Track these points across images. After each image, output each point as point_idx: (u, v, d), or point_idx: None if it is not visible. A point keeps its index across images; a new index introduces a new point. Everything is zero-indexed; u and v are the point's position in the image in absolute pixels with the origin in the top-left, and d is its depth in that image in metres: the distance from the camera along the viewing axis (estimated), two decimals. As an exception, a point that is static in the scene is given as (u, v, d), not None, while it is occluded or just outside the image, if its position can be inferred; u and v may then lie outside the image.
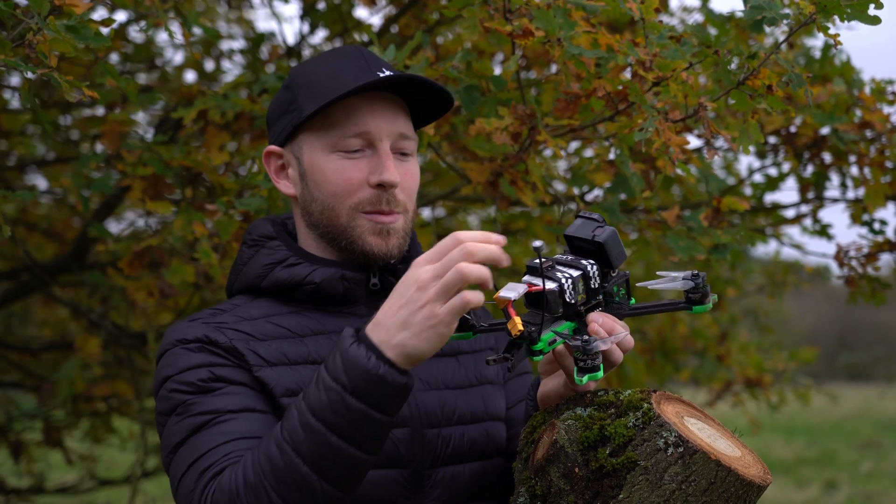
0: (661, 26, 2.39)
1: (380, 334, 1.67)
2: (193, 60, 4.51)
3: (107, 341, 4.09)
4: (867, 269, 3.12)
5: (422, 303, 1.64)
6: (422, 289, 1.64)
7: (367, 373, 1.64)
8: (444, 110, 2.07)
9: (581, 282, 1.76)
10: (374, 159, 1.95)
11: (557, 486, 1.74)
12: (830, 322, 24.36)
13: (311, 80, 1.97)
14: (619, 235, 1.87)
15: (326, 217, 1.98)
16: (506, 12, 2.44)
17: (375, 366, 1.64)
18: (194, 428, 1.80)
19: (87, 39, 2.14)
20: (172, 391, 1.84)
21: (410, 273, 1.67)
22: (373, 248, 1.96)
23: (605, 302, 1.82)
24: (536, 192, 2.70)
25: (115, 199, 3.81)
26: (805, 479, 10.92)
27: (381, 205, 1.95)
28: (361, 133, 1.95)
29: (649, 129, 2.27)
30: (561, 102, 2.56)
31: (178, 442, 1.82)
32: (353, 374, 1.65)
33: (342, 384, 1.66)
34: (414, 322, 1.64)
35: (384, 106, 1.97)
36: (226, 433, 1.78)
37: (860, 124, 3.11)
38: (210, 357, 1.86)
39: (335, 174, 1.96)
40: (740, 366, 5.56)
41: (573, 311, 1.78)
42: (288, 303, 1.99)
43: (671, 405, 1.78)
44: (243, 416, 1.80)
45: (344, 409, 1.65)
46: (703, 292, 1.78)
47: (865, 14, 2.23)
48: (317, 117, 1.97)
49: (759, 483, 1.69)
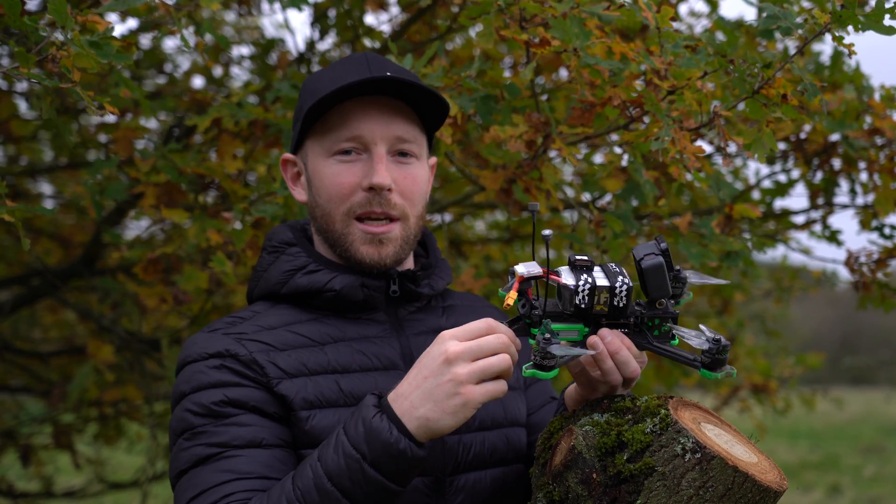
0: (676, 35, 2.40)
1: (402, 405, 1.68)
2: (202, 66, 4.53)
3: (118, 347, 4.10)
4: (877, 275, 3.13)
5: (448, 377, 1.66)
6: (448, 363, 1.66)
7: (389, 446, 1.66)
8: (444, 111, 2.06)
9: (605, 293, 1.75)
10: (368, 163, 1.96)
11: (575, 491, 1.74)
12: (834, 326, 24.31)
13: (316, 87, 1.99)
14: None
15: (326, 223, 2.00)
16: (521, 21, 2.45)
17: (397, 439, 1.66)
18: (199, 459, 1.82)
19: (110, 56, 2.16)
20: (186, 411, 1.86)
21: (436, 347, 1.68)
22: (364, 258, 1.97)
23: (636, 328, 1.81)
24: (550, 198, 2.71)
25: (126, 205, 3.83)
26: (809, 484, 10.90)
27: (374, 206, 1.95)
28: (354, 137, 1.96)
29: (665, 138, 2.28)
30: (576, 111, 2.57)
31: (182, 469, 1.84)
32: (374, 445, 1.67)
33: (362, 454, 1.67)
34: (439, 396, 1.66)
35: (380, 109, 1.97)
36: (228, 471, 1.80)
37: (870, 131, 3.12)
38: (227, 375, 1.87)
39: (330, 178, 1.98)
40: (747, 371, 5.57)
41: (590, 317, 1.78)
42: (307, 309, 2.00)
43: (688, 411, 1.79)
44: (248, 453, 1.82)
45: (361, 479, 1.68)
46: (716, 359, 1.75)
47: (881, 24, 2.22)
48: (317, 123, 1.99)
49: (776, 489, 1.69)
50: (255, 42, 4.79)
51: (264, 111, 3.01)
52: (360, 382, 1.92)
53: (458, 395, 1.65)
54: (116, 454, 6.70)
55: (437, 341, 1.69)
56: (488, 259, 4.11)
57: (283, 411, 1.88)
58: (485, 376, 1.67)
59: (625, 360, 1.78)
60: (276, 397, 1.87)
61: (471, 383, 1.66)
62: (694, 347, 1.78)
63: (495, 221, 5.13)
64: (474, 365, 1.66)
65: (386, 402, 1.70)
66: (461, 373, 1.65)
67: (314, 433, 1.86)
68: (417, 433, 1.67)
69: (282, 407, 1.87)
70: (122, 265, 3.82)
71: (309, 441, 1.86)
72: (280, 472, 1.81)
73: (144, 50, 4.62)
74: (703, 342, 1.76)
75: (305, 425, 1.86)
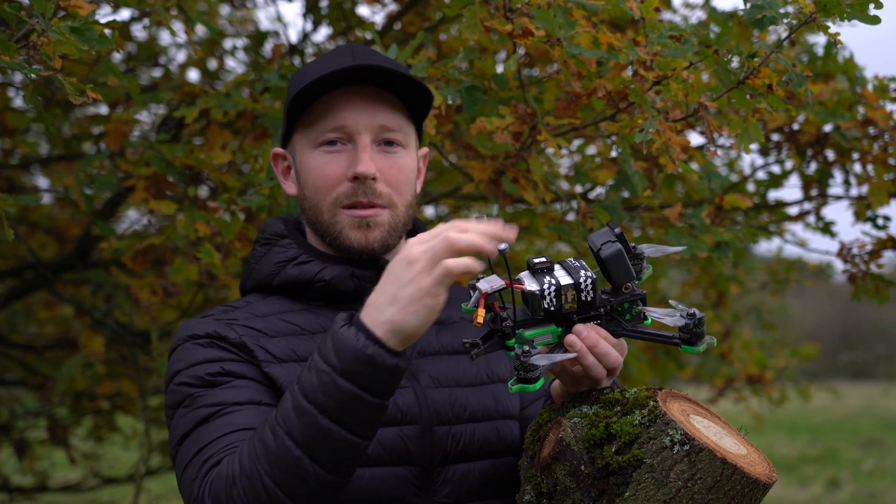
0: (661, 25, 2.39)
1: (370, 314, 1.67)
2: (196, 59, 4.52)
3: (110, 339, 4.10)
4: (870, 266, 3.12)
5: (409, 277, 1.64)
6: (410, 264, 1.64)
7: (356, 352, 1.64)
8: (429, 100, 2.04)
9: (570, 291, 1.75)
10: (352, 153, 1.96)
11: (563, 483, 1.74)
12: (833, 320, 24.34)
13: (301, 79, 1.98)
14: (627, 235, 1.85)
15: (314, 214, 2.00)
16: (506, 11, 2.44)
17: (364, 346, 1.64)
18: (200, 420, 1.82)
19: (92, 41, 2.14)
20: (181, 384, 1.86)
21: (401, 252, 1.67)
22: (352, 243, 1.97)
23: (608, 316, 1.80)
24: (538, 190, 2.70)
25: (118, 198, 3.82)
26: (808, 478, 10.92)
27: (358, 196, 1.95)
28: (338, 127, 1.96)
29: (650, 129, 2.27)
30: (562, 102, 2.56)
31: (184, 434, 1.83)
32: (342, 354, 1.65)
33: (332, 365, 1.65)
34: (401, 297, 1.64)
35: (363, 99, 1.97)
36: (230, 424, 1.79)
37: (863, 121, 3.11)
38: (219, 352, 1.87)
39: (316, 170, 1.98)
40: (742, 363, 5.56)
41: (561, 317, 1.77)
42: (299, 300, 2.00)
43: (677, 403, 1.78)
44: (249, 409, 1.81)
45: (334, 391, 1.65)
46: (694, 333, 1.75)
47: (865, 13, 2.22)
48: (303, 115, 1.99)
49: (765, 481, 1.69)
50: (248, 35, 4.78)
51: (253, 102, 3.00)
52: None
53: (419, 290, 1.62)
54: (112, 449, 6.71)
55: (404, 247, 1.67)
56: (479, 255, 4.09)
57: (274, 391, 1.87)
58: (437, 258, 1.63)
59: (605, 352, 1.77)
60: (267, 378, 1.87)
61: (428, 273, 1.63)
62: (669, 326, 1.77)
63: (490, 214, 5.11)
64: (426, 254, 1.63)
65: (356, 316, 1.69)
66: (418, 267, 1.63)
67: None
68: (388, 338, 1.65)
69: (271, 386, 1.87)
70: (114, 258, 3.81)
71: None
72: None
73: (139, 43, 4.61)
74: (678, 319, 1.75)
75: None
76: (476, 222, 1.66)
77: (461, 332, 2.06)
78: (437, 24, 3.66)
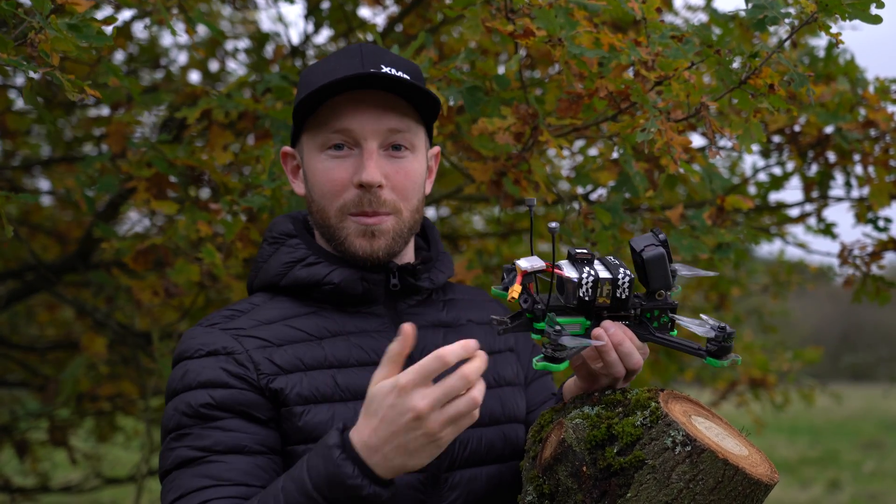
0: (662, 26, 2.39)
1: (373, 457, 1.63)
2: (198, 60, 4.52)
3: (112, 341, 4.10)
4: (871, 268, 3.12)
5: (422, 432, 1.60)
6: (420, 419, 1.59)
7: (351, 491, 1.63)
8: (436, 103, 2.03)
9: (607, 285, 1.75)
10: (359, 159, 1.94)
11: (565, 484, 1.74)
12: (834, 322, 24.32)
13: (310, 80, 1.97)
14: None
15: (321, 217, 1.99)
16: (508, 12, 2.44)
17: (361, 486, 1.62)
18: (182, 461, 1.82)
19: (90, 38, 2.13)
20: (175, 410, 1.86)
21: (400, 401, 1.61)
22: (357, 250, 1.96)
23: (636, 319, 1.81)
24: (540, 191, 2.70)
25: (119, 200, 3.82)
26: (808, 479, 10.91)
27: (364, 206, 1.94)
28: (343, 130, 1.94)
29: (651, 129, 2.27)
30: (563, 102, 2.56)
31: (167, 469, 1.84)
32: (336, 491, 1.63)
33: (323, 496, 1.64)
34: (414, 448, 1.61)
35: (371, 103, 1.95)
36: (208, 476, 1.79)
37: (864, 123, 3.11)
38: (218, 374, 1.86)
39: (322, 174, 1.96)
40: (745, 366, 5.56)
41: (592, 310, 1.78)
42: (306, 302, 1.99)
43: (679, 404, 1.78)
44: (229, 459, 1.81)
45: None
46: (722, 347, 1.76)
47: (867, 13, 2.22)
48: (311, 117, 1.97)
49: (767, 482, 1.69)
50: (250, 36, 4.79)
51: (254, 103, 3.00)
52: (356, 377, 1.91)
53: (434, 443, 1.62)
54: (113, 450, 6.71)
55: (398, 392, 1.61)
56: (481, 254, 4.11)
57: (274, 412, 1.87)
58: (456, 420, 1.62)
59: (628, 352, 1.78)
60: (268, 396, 1.86)
61: (444, 430, 1.62)
62: (698, 336, 1.78)
63: (492, 216, 5.12)
64: (445, 415, 1.60)
65: (349, 445, 1.65)
66: (434, 426, 1.60)
67: (308, 429, 1.85)
68: (388, 476, 1.64)
69: (273, 407, 1.86)
70: (116, 259, 3.81)
71: (302, 437, 1.85)
72: (260, 479, 1.80)
73: (140, 44, 4.62)
74: (708, 330, 1.76)
75: (299, 421, 1.85)
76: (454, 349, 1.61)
77: (468, 335, 2.04)
78: (438, 26, 3.66)
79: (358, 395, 1.89)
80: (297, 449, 1.86)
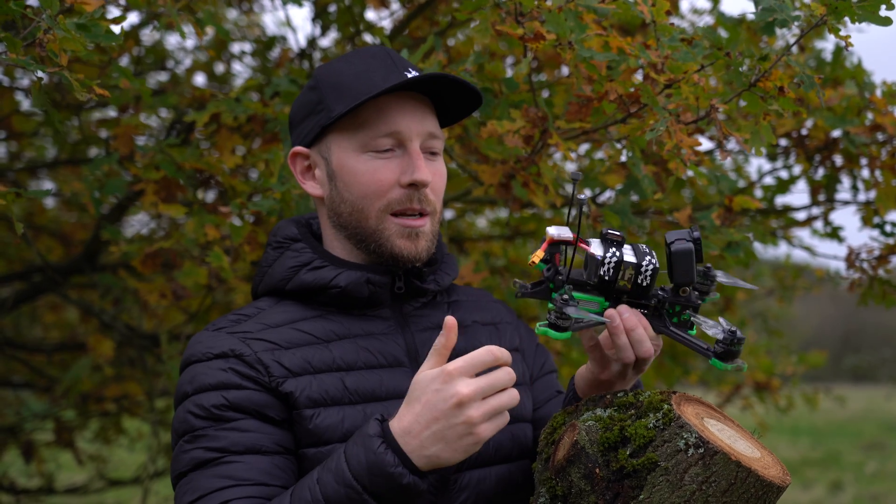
0: (672, 29, 2.40)
1: (411, 444, 1.67)
2: (204, 62, 4.53)
3: (119, 342, 4.10)
4: (878, 272, 3.12)
5: (462, 420, 1.65)
6: (461, 406, 1.64)
7: (392, 480, 1.66)
8: (470, 109, 2.06)
9: (630, 270, 1.77)
10: (404, 159, 1.96)
11: (578, 486, 1.74)
12: (835, 324, 24.31)
13: (340, 81, 1.97)
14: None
15: (356, 219, 1.98)
16: (517, 16, 2.44)
17: (401, 475, 1.66)
18: (198, 463, 1.82)
19: (98, 38, 2.12)
20: (188, 412, 1.86)
21: (445, 387, 1.66)
22: (402, 251, 1.96)
23: (655, 310, 1.82)
24: (548, 194, 2.71)
25: (127, 202, 3.82)
26: (810, 480, 10.90)
27: (413, 203, 1.95)
28: (392, 133, 1.95)
29: (660, 128, 2.27)
30: (573, 106, 2.56)
31: (182, 472, 1.84)
32: (376, 479, 1.66)
33: (363, 485, 1.67)
34: (451, 437, 1.65)
35: (413, 105, 1.97)
36: (226, 477, 1.79)
37: (871, 127, 3.11)
38: (230, 377, 1.86)
39: (366, 175, 1.96)
40: (749, 369, 5.56)
41: (612, 292, 1.79)
42: (312, 306, 1.99)
43: (691, 406, 1.78)
44: (247, 459, 1.81)
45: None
46: (729, 350, 1.77)
47: (877, 15, 2.22)
48: (346, 118, 1.97)
49: (779, 484, 1.69)
50: (256, 39, 4.79)
51: (263, 106, 3.00)
52: (365, 380, 1.91)
53: (471, 436, 1.65)
54: (118, 451, 6.71)
55: (444, 378, 1.66)
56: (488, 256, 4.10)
57: (286, 413, 1.87)
58: (496, 413, 1.67)
59: (639, 339, 1.79)
60: (280, 398, 1.87)
61: (483, 422, 1.66)
62: (709, 336, 1.79)
63: (497, 218, 5.12)
64: (487, 406, 1.66)
65: (390, 434, 1.69)
66: (475, 415, 1.65)
67: (318, 432, 1.86)
68: (424, 467, 1.67)
69: (285, 408, 1.87)
70: (123, 261, 3.82)
71: (312, 440, 1.86)
72: (279, 479, 1.81)
73: (146, 46, 4.62)
74: (719, 332, 1.77)
75: (309, 424, 1.86)
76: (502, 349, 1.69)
77: (475, 335, 2.06)
78: (445, 29, 3.66)
79: (367, 398, 1.90)
80: (308, 452, 1.86)
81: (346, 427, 1.85)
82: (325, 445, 1.85)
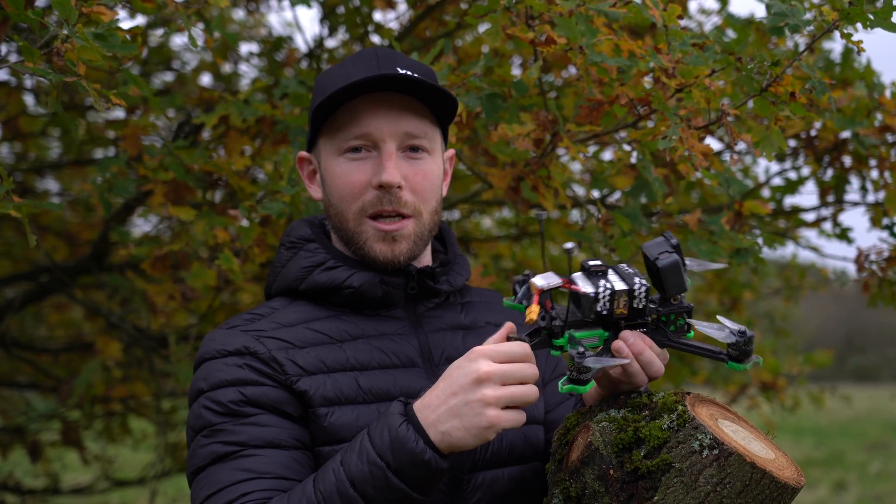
0: (683, 33, 2.39)
1: (428, 417, 1.69)
2: (210, 63, 4.53)
3: (126, 343, 4.10)
4: (888, 273, 3.12)
5: (477, 397, 1.66)
6: (478, 383, 1.66)
7: (414, 456, 1.67)
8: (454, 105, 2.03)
9: (623, 297, 1.75)
10: (377, 161, 1.95)
11: (592, 487, 1.74)
12: (838, 324, 24.31)
13: (326, 84, 1.98)
14: None
15: (339, 221, 1.99)
16: (528, 19, 2.44)
17: (422, 450, 1.67)
18: (217, 457, 1.82)
19: (115, 48, 2.14)
20: (204, 408, 1.86)
21: (468, 364, 1.68)
22: (378, 255, 1.96)
23: (654, 326, 1.82)
24: (558, 196, 2.71)
25: (134, 203, 3.83)
26: (814, 480, 10.89)
27: (384, 205, 1.94)
28: (362, 134, 1.95)
29: (673, 137, 2.27)
30: (583, 109, 2.56)
31: (200, 466, 1.84)
32: (399, 455, 1.67)
33: (387, 462, 1.68)
34: (466, 413, 1.66)
35: (388, 105, 1.95)
36: (246, 470, 1.79)
37: (881, 128, 3.11)
38: (246, 373, 1.86)
39: (341, 178, 1.97)
40: (755, 369, 5.56)
41: (609, 322, 1.78)
42: (326, 306, 1.99)
43: (705, 407, 1.78)
44: (266, 453, 1.82)
45: (384, 486, 1.68)
46: (743, 351, 1.75)
47: (889, 21, 2.22)
48: (328, 121, 1.98)
49: (794, 485, 1.69)
50: (263, 40, 4.79)
51: (272, 108, 3.00)
52: (379, 380, 1.92)
53: (483, 417, 1.66)
54: (123, 451, 6.72)
55: (469, 356, 1.69)
56: (497, 258, 4.11)
57: (302, 410, 1.87)
58: (512, 403, 1.67)
59: (649, 361, 1.78)
60: (295, 395, 1.87)
61: (497, 407, 1.66)
62: (718, 341, 1.77)
63: (503, 219, 5.13)
64: (504, 390, 1.67)
65: (412, 411, 1.70)
66: (489, 395, 1.66)
67: (333, 430, 1.86)
68: (440, 445, 1.68)
69: (300, 405, 1.87)
70: (131, 262, 3.82)
71: (327, 438, 1.86)
72: (298, 473, 1.81)
73: (152, 47, 4.62)
74: (728, 335, 1.76)
75: (324, 422, 1.86)
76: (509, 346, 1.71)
77: (486, 337, 2.06)
78: (453, 30, 3.66)
79: (381, 397, 1.90)
80: (323, 450, 1.86)
81: (361, 425, 1.86)
82: (340, 443, 1.85)
